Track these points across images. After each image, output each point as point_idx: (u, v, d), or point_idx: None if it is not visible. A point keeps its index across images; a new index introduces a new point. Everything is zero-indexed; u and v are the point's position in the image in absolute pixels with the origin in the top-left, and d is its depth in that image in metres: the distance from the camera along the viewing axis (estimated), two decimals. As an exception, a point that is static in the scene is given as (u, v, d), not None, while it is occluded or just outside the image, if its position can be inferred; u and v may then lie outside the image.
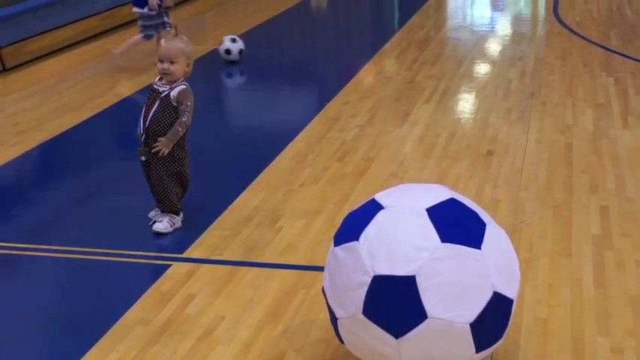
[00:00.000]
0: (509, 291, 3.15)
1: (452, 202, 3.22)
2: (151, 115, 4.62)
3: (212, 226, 4.83)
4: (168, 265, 4.39)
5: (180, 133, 4.61)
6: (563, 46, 9.17)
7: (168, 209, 4.78)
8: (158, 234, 4.73)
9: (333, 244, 3.29)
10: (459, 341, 3.05)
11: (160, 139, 4.59)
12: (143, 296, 4.07)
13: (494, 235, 3.18)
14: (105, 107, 7.40)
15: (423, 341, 3.03)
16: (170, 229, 4.75)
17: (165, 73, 4.58)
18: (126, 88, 7.95)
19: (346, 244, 3.17)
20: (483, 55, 9.10)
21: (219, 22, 11.41)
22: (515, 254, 3.30)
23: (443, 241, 3.02)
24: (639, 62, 8.28)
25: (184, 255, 4.52)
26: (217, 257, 4.47)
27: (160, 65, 4.58)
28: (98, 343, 3.67)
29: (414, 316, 2.99)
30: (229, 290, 4.10)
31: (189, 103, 4.61)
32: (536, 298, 3.91)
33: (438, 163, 5.70)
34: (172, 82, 4.60)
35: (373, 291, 3.03)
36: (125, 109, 7.43)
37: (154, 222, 4.80)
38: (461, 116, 6.91)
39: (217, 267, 4.36)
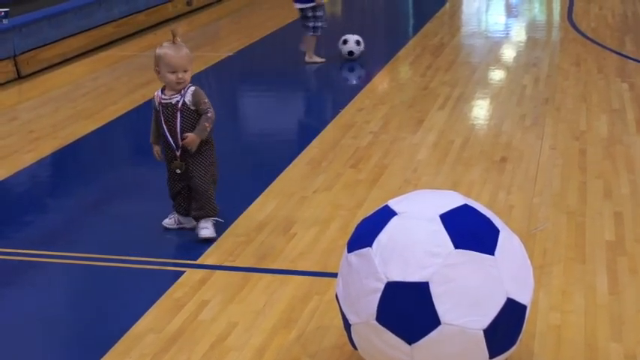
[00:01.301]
0: (523, 297, 3.14)
1: (465, 208, 3.21)
2: (178, 129, 4.59)
3: (226, 232, 4.84)
4: (182, 272, 4.39)
5: (208, 128, 4.62)
6: (578, 52, 9.15)
7: (210, 213, 4.75)
8: (206, 240, 4.70)
9: (346, 251, 3.29)
10: (473, 347, 3.04)
11: (186, 134, 4.58)
12: (156, 303, 4.07)
13: (508, 241, 3.18)
14: (119, 115, 7.43)
15: (436, 347, 3.02)
16: (215, 233, 4.74)
17: (179, 83, 4.53)
18: (139, 96, 7.97)
19: (359, 251, 3.17)
20: (497, 62, 9.10)
21: (234, 29, 11.45)
22: (528, 260, 3.29)
23: (456, 247, 3.02)
24: (654, 68, 8.26)
25: (198, 262, 4.52)
26: (231, 264, 4.48)
27: (173, 76, 4.50)
28: (111, 350, 3.68)
29: (427, 322, 2.99)
30: (243, 296, 4.10)
31: (206, 100, 4.61)
32: (550, 304, 3.90)
33: (452, 169, 5.69)
34: (180, 90, 4.58)
35: (386, 297, 3.03)
36: (139, 116, 7.45)
37: (199, 229, 4.73)
38: (475, 122, 6.90)
39: (231, 273, 4.36)
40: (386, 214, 3.23)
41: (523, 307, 3.14)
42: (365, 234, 3.22)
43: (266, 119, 7.50)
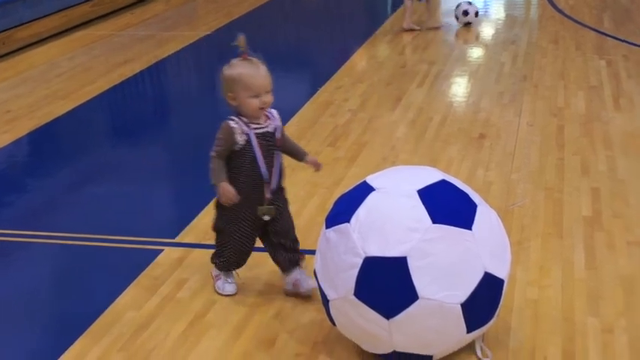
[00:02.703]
0: (500, 271, 3.15)
1: (443, 184, 3.22)
2: (278, 165, 3.77)
3: (204, 211, 4.82)
4: (160, 251, 4.38)
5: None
6: (556, 29, 9.17)
7: (299, 255, 3.87)
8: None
9: (324, 227, 3.29)
10: (450, 322, 3.06)
11: (310, 157, 3.89)
12: (135, 282, 4.07)
13: (485, 216, 3.19)
14: (96, 94, 7.38)
15: (414, 322, 3.03)
16: None
17: (263, 108, 3.61)
18: (117, 75, 7.92)
19: (337, 226, 3.18)
20: (476, 39, 9.09)
21: (211, 8, 11.37)
22: (506, 235, 3.30)
23: (434, 222, 3.02)
24: (632, 45, 8.28)
25: (176, 240, 4.51)
26: (209, 242, 4.45)
27: (255, 101, 3.57)
28: (90, 328, 3.67)
29: (405, 297, 2.99)
30: (221, 274, 4.09)
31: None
32: (528, 280, 3.92)
33: (430, 146, 5.70)
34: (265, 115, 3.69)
35: (364, 272, 3.04)
36: (116, 96, 7.42)
37: (301, 281, 3.78)
38: (453, 100, 6.90)
39: (209, 252, 4.32)
40: (364, 190, 3.23)
41: (500, 282, 3.15)
42: (343, 210, 3.22)
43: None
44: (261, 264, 4.16)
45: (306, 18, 9.15)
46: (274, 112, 3.71)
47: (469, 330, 3.11)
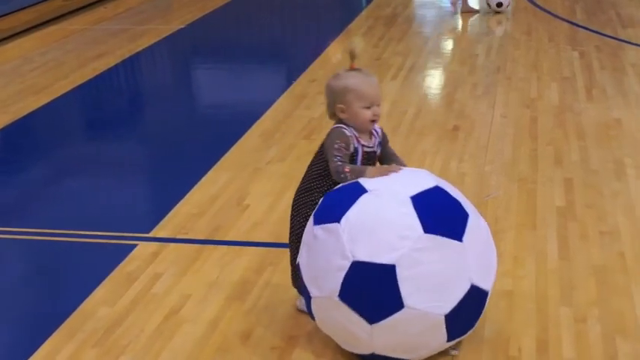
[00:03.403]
0: (486, 283, 3.15)
1: (436, 190, 3.16)
2: None
3: (178, 205, 4.81)
4: (134, 245, 4.37)
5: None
6: (529, 21, 9.20)
7: None
8: None
9: (312, 221, 3.22)
10: (432, 331, 3.05)
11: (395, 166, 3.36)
12: (109, 277, 4.05)
13: (475, 225, 3.15)
14: (70, 89, 7.34)
15: (397, 329, 3.02)
16: None
17: (374, 120, 3.39)
18: (90, 70, 7.88)
19: (327, 225, 3.12)
20: (450, 32, 9.11)
21: (186, 2, 11.32)
22: (493, 244, 3.29)
23: (425, 231, 2.98)
24: (604, 36, 8.32)
25: (150, 234, 4.50)
26: (184, 236, 4.46)
27: (368, 113, 3.35)
28: (64, 324, 3.65)
29: (390, 304, 2.97)
30: (196, 269, 4.09)
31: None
32: (502, 271, 3.92)
33: (405, 138, 5.70)
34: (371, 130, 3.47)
35: (351, 276, 3.00)
36: (90, 90, 7.38)
37: None
38: (427, 92, 6.92)
39: (184, 246, 4.35)
40: (356, 190, 3.15)
41: (485, 293, 3.15)
42: (333, 208, 3.16)
43: (218, 92, 7.46)
44: (235, 258, 4.17)
45: (281, 11, 9.15)
46: (379, 129, 3.50)
47: (449, 339, 3.11)
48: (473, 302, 3.10)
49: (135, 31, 9.56)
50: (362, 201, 3.10)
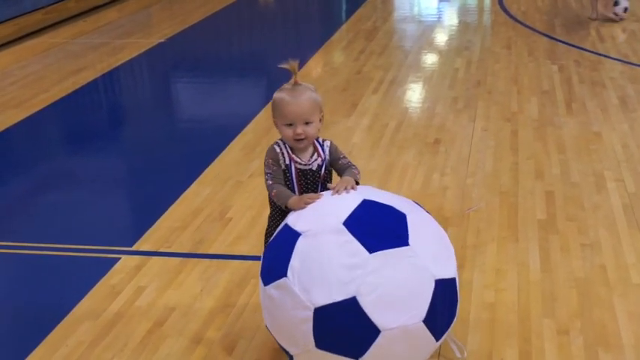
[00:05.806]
0: (448, 271, 3.08)
1: (365, 205, 3.08)
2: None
3: (161, 218, 4.81)
4: (118, 259, 4.36)
5: (358, 176, 3.33)
6: (509, 35, 9.27)
7: None
8: None
9: (262, 283, 3.15)
10: (418, 340, 3.01)
11: (346, 177, 3.27)
12: (92, 290, 4.04)
13: (417, 221, 3.09)
14: (50, 102, 7.32)
15: (385, 352, 2.97)
16: None
17: (298, 140, 3.27)
18: (70, 83, 7.86)
19: (276, 282, 3.04)
20: (430, 45, 9.16)
21: (166, 15, 11.34)
22: (441, 229, 3.23)
23: (371, 251, 2.92)
24: (583, 50, 8.40)
25: (133, 248, 4.49)
26: (167, 249, 4.46)
27: (289, 131, 3.26)
28: (47, 338, 3.64)
29: (367, 334, 2.92)
30: (179, 282, 4.09)
31: (340, 149, 3.47)
32: (484, 283, 3.96)
33: (386, 152, 5.73)
34: (308, 146, 3.36)
35: (319, 323, 2.94)
36: (70, 104, 7.36)
37: None
38: (408, 106, 6.95)
39: (167, 259, 4.34)
40: (290, 237, 3.07)
41: (452, 280, 3.10)
42: (275, 263, 3.08)
43: (199, 106, 7.46)
44: (218, 271, 4.17)
45: (261, 25, 9.17)
46: (327, 144, 3.40)
47: (438, 338, 3.08)
48: (444, 295, 3.04)
49: (115, 44, 9.56)
50: (299, 246, 3.01)
